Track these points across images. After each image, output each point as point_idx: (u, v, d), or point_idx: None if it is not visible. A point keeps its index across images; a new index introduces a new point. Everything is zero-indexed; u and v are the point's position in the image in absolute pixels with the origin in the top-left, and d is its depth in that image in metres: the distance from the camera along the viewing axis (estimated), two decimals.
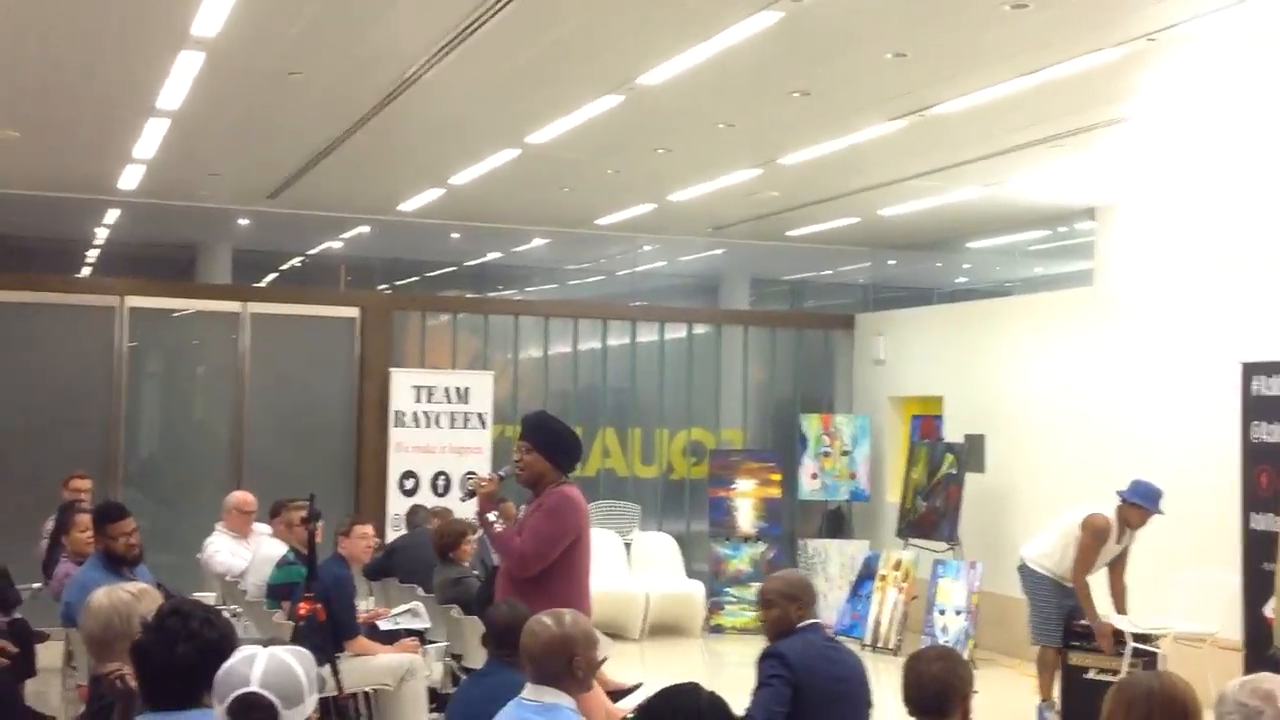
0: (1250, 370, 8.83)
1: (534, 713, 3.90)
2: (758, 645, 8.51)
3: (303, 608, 6.18)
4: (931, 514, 11.56)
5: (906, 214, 11.34)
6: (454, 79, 7.36)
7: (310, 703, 2.70)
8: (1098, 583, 8.55)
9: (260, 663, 2.65)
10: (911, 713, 3.82)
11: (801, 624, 4.88)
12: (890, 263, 14.37)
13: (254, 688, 2.63)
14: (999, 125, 8.23)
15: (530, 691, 3.97)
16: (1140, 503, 8.34)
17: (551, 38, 6.72)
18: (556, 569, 5.61)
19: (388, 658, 7.06)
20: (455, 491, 11.79)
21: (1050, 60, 6.84)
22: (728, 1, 6.07)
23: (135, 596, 3.99)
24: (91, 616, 3.98)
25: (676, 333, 13.53)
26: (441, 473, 11.89)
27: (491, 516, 5.69)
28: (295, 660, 2.69)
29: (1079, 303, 10.93)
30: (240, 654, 2.70)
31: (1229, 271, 9.46)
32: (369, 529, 7.51)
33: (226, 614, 6.70)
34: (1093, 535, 8.36)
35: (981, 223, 12.22)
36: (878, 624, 11.39)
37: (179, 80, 7.43)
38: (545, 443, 5.73)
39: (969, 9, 6.20)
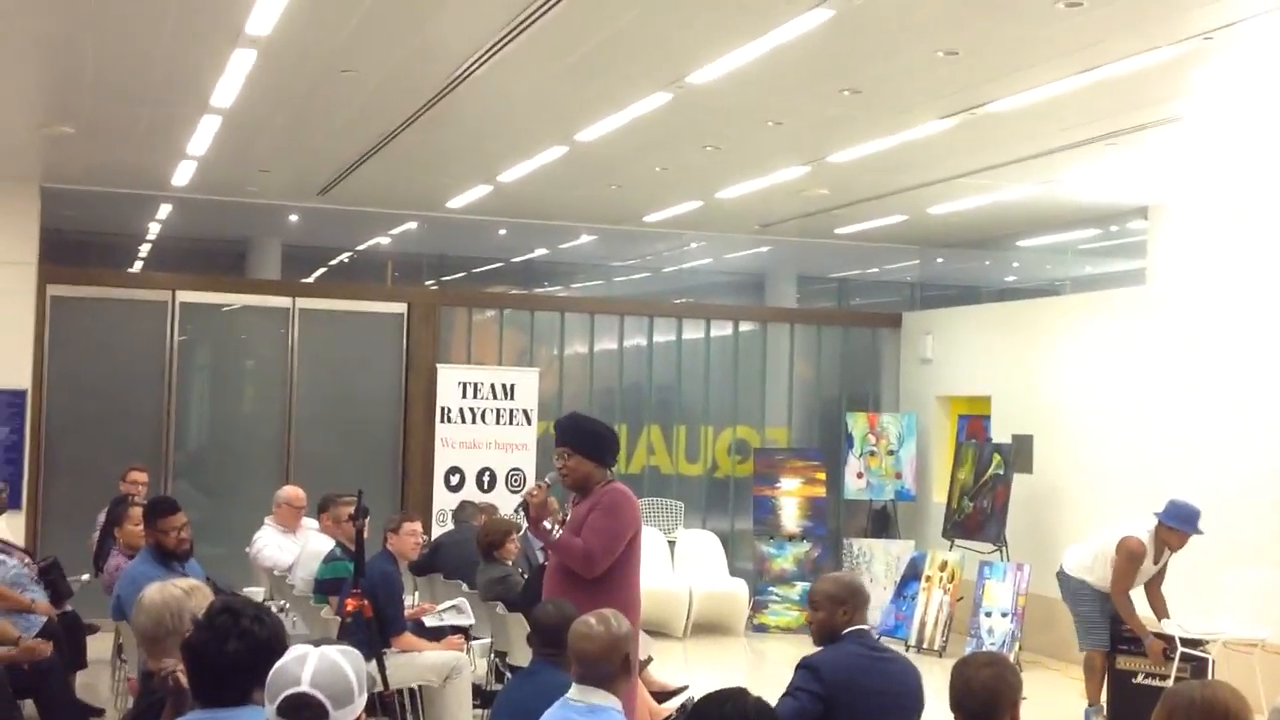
0: None
1: (580, 714, 3.91)
2: (801, 644, 8.49)
3: (350, 604, 6.22)
4: (978, 515, 11.48)
5: (956, 212, 11.26)
6: (504, 77, 7.37)
7: (360, 702, 2.72)
8: (1135, 593, 8.46)
9: (311, 662, 2.67)
10: (959, 719, 3.78)
11: (848, 630, 4.79)
12: (938, 260, 14.28)
13: (304, 687, 2.64)
14: (1051, 123, 8.15)
15: (576, 692, 3.98)
16: (1177, 526, 8.18)
17: (602, 35, 6.72)
18: (613, 566, 5.62)
19: (433, 654, 7.09)
20: (501, 488, 11.82)
21: (1104, 59, 6.77)
22: (779, 0, 6.05)
23: (187, 593, 4.01)
24: (143, 612, 4.02)
25: (722, 330, 13.51)
26: (486, 468, 11.93)
27: (548, 524, 5.67)
28: (345, 660, 2.71)
29: (1130, 302, 10.81)
30: (291, 653, 2.72)
31: None
32: (417, 526, 7.53)
33: (274, 609, 6.76)
34: (1127, 559, 8.21)
35: (1032, 221, 12.11)
36: (923, 625, 11.33)
37: (232, 78, 7.48)
38: (584, 444, 5.72)
39: (1021, 7, 6.14)
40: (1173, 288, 10.38)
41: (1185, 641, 8.21)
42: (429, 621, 7.58)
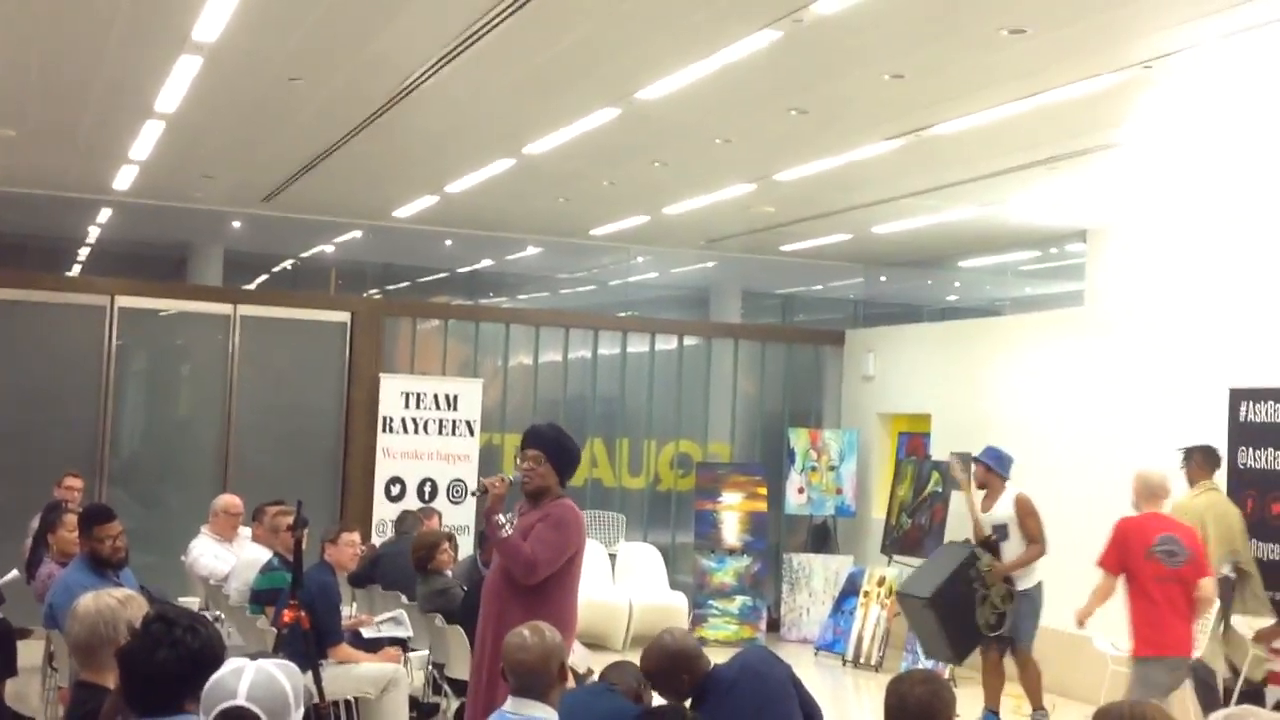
0: (1238, 396, 8.87)
1: None
2: None
3: (287, 615, 6.18)
4: (916, 531, 11.58)
5: (899, 232, 11.37)
6: (453, 89, 7.37)
7: (296, 716, 2.71)
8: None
9: (248, 676, 2.66)
10: None
11: (698, 686, 4.68)
12: (881, 279, 14.40)
13: (240, 701, 2.64)
14: (995, 147, 8.26)
15: (512, 705, 3.98)
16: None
17: (551, 51, 6.73)
18: (553, 581, 5.63)
19: (370, 666, 7.05)
20: (442, 498, 11.78)
21: (1047, 85, 6.87)
22: (728, 20, 6.09)
23: (121, 602, 3.97)
24: (77, 622, 3.97)
25: (667, 344, 13.54)
26: (428, 479, 11.88)
27: (501, 519, 5.64)
28: (282, 674, 2.70)
29: (1069, 324, 10.96)
30: (228, 666, 2.71)
31: (1218, 297, 9.49)
32: (355, 536, 7.50)
33: (210, 619, 6.69)
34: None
35: (974, 242, 12.25)
36: (860, 640, 11.40)
37: (177, 83, 7.42)
38: (557, 456, 5.73)
39: (967, 33, 6.23)
40: (1110, 310, 10.53)
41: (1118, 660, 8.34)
42: (367, 633, 7.54)
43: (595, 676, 7.38)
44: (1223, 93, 7.02)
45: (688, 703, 4.65)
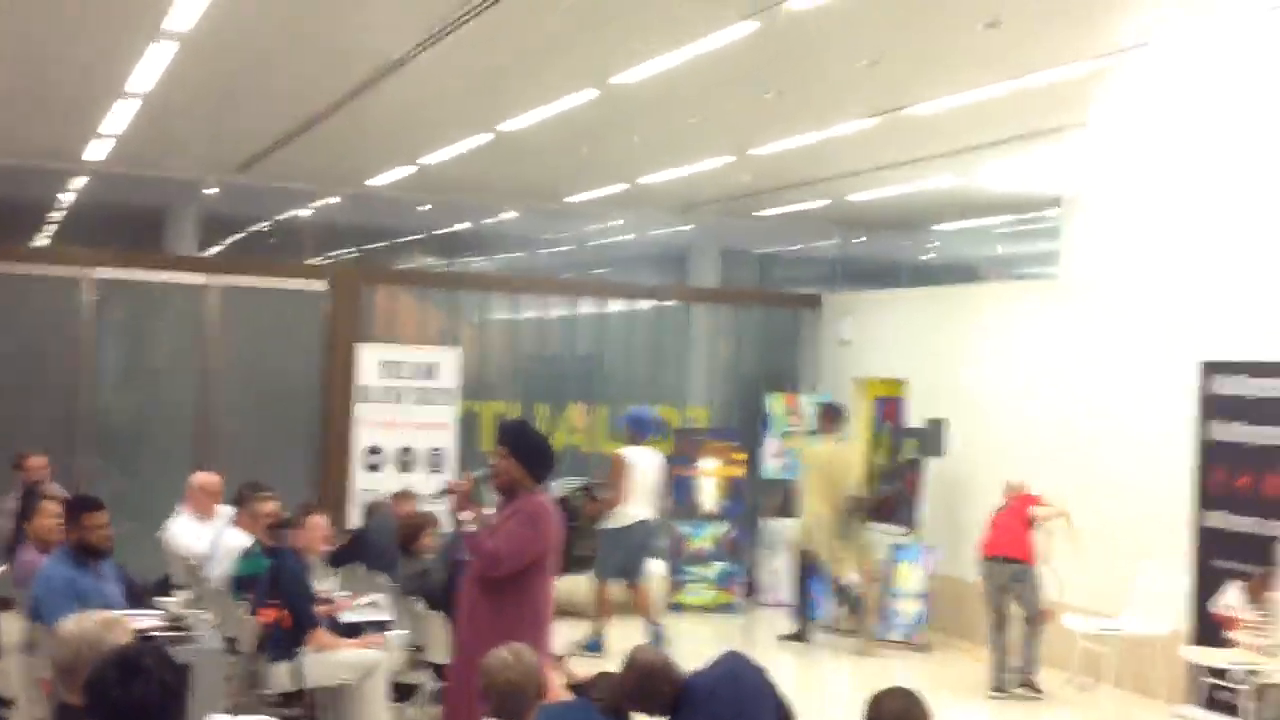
0: (1209, 369, 8.94)
1: None
2: (718, 624, 8.67)
3: (269, 615, 6.18)
4: (891, 498, 11.66)
5: (875, 199, 11.39)
6: (432, 70, 7.32)
7: None
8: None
9: None
10: None
11: (675, 700, 4.71)
12: (857, 240, 14.41)
13: None
14: (970, 126, 8.28)
15: None
16: None
17: (532, 37, 6.71)
18: (524, 576, 5.69)
19: (351, 653, 7.03)
20: (420, 468, 11.78)
21: (1023, 71, 6.89)
22: (706, 10, 6.07)
23: (105, 626, 4.02)
24: (60, 644, 4.02)
25: (645, 304, 13.51)
26: (407, 448, 11.89)
27: (465, 516, 5.73)
28: None
29: (1045, 292, 10.99)
30: None
31: (1191, 271, 9.53)
32: (320, 519, 7.37)
33: (189, 605, 6.69)
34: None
35: (949, 208, 12.28)
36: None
37: (151, 67, 7.34)
38: (521, 450, 5.79)
39: (943, 27, 6.23)
40: (1085, 281, 10.55)
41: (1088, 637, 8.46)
42: (346, 618, 7.52)
43: (569, 658, 7.50)
44: (1193, 79, 7.04)
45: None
